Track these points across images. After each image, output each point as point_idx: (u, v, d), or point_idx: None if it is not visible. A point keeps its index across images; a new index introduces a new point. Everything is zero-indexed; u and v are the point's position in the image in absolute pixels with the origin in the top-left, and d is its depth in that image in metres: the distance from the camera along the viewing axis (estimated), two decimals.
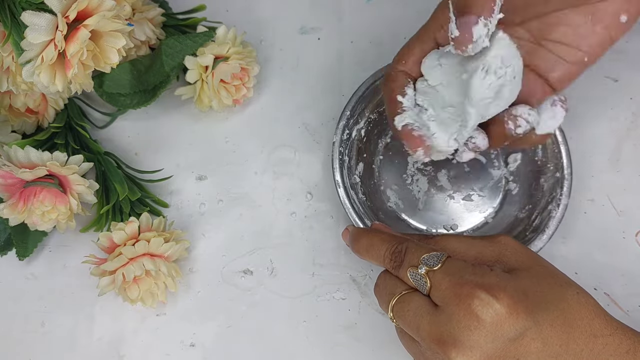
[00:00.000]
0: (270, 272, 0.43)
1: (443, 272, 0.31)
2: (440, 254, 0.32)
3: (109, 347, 0.42)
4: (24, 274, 0.44)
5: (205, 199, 0.45)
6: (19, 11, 0.33)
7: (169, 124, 0.47)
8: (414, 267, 0.32)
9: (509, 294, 0.29)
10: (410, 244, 0.33)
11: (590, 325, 0.29)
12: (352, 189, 0.41)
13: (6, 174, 0.37)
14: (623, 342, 0.29)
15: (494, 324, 0.28)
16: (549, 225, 0.39)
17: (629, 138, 0.45)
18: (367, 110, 0.43)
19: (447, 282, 0.30)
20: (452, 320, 0.29)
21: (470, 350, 0.28)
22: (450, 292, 0.30)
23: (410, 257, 0.32)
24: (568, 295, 0.30)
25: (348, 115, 0.42)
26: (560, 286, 0.31)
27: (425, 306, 0.31)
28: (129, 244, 0.39)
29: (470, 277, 0.30)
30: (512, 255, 0.32)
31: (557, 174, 0.40)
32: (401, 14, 0.49)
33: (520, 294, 0.29)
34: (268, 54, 0.48)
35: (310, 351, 0.41)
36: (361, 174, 0.43)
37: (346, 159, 0.42)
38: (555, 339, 0.29)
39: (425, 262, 0.31)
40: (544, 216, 0.40)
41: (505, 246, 0.33)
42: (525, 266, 0.32)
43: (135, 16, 0.42)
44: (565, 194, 0.40)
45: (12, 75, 0.37)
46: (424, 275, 0.31)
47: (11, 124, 0.43)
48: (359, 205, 0.41)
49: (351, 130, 0.42)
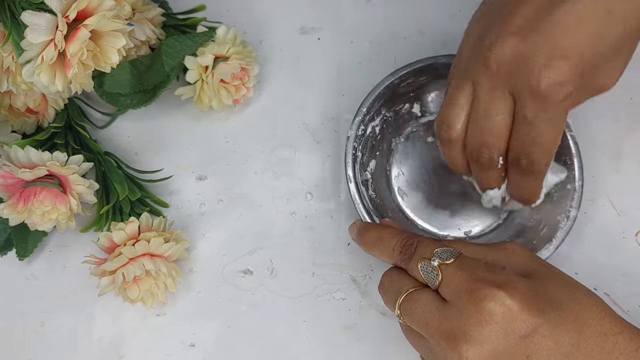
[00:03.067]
0: (271, 272, 0.43)
1: (456, 266, 0.31)
2: (454, 249, 0.32)
3: (109, 347, 0.42)
4: (24, 274, 0.44)
5: (205, 199, 0.45)
6: (19, 11, 0.33)
7: (169, 124, 0.47)
8: (425, 260, 0.32)
9: (521, 291, 0.29)
10: (422, 239, 0.34)
11: (600, 324, 0.29)
12: (363, 184, 0.41)
13: (6, 174, 0.37)
14: (632, 341, 0.29)
15: (505, 320, 0.28)
16: (556, 236, 0.39)
17: (629, 138, 0.45)
18: (383, 108, 0.43)
19: (459, 277, 0.30)
20: (463, 315, 0.29)
21: (481, 345, 0.28)
22: (462, 287, 0.30)
23: (423, 250, 0.33)
24: (578, 295, 0.30)
25: (364, 112, 0.42)
26: (569, 287, 0.31)
27: (435, 302, 0.31)
28: (129, 244, 0.39)
29: (483, 274, 0.30)
30: (520, 260, 0.33)
31: (569, 185, 0.40)
32: (401, 14, 0.49)
33: (532, 292, 0.29)
34: (268, 54, 0.48)
35: (310, 351, 0.41)
36: (373, 171, 0.43)
37: (359, 154, 0.42)
38: (567, 337, 0.29)
39: (439, 255, 0.31)
40: (552, 226, 0.40)
41: (513, 252, 0.33)
42: (532, 270, 0.32)
43: (135, 16, 0.42)
44: (575, 206, 0.39)
45: (12, 75, 0.37)
46: (436, 268, 0.31)
47: (11, 124, 0.43)
48: (369, 202, 0.41)
49: (366, 126, 0.42)
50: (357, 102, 0.42)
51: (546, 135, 0.33)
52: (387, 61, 0.47)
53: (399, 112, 0.44)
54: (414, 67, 0.42)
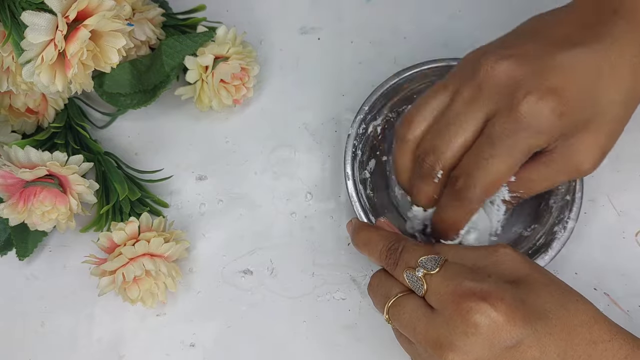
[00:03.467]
0: (270, 272, 0.43)
1: (441, 276, 0.30)
2: (438, 257, 0.32)
3: (109, 347, 0.42)
4: (24, 274, 0.44)
5: (205, 199, 0.45)
6: (19, 11, 0.33)
7: (169, 124, 0.47)
8: (410, 269, 0.31)
9: (507, 302, 0.29)
10: (408, 243, 0.33)
11: (589, 331, 0.29)
12: (362, 183, 0.41)
13: (6, 174, 0.37)
14: (622, 347, 0.29)
15: (490, 332, 0.28)
16: (552, 246, 0.39)
17: (629, 138, 0.45)
18: (385, 108, 0.43)
19: (445, 288, 0.30)
20: (449, 324, 0.29)
21: (467, 354, 0.28)
22: (447, 298, 0.30)
23: (407, 258, 0.32)
24: (568, 303, 0.30)
25: (366, 110, 0.41)
26: (560, 294, 0.30)
27: (422, 309, 0.31)
28: (129, 244, 0.39)
29: (469, 284, 0.30)
30: (510, 264, 0.32)
31: (568, 196, 0.40)
32: (401, 14, 0.49)
33: (518, 302, 0.29)
34: (268, 54, 0.48)
35: (310, 351, 0.41)
36: (372, 170, 0.43)
37: (359, 153, 0.41)
38: (553, 347, 0.29)
39: (423, 265, 0.31)
40: (548, 237, 0.39)
41: (504, 255, 0.32)
42: (523, 275, 0.31)
43: (135, 16, 0.42)
44: (573, 217, 0.39)
45: (12, 75, 0.37)
46: (420, 278, 0.31)
47: (11, 124, 0.43)
48: (366, 201, 0.40)
49: (368, 125, 0.42)
50: (357, 102, 0.42)
51: (497, 163, 0.33)
52: (387, 61, 0.47)
53: (401, 113, 0.44)
54: (419, 69, 0.42)
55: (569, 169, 0.34)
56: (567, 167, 0.34)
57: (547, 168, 0.34)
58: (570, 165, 0.34)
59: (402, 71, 0.42)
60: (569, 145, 0.33)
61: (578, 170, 0.34)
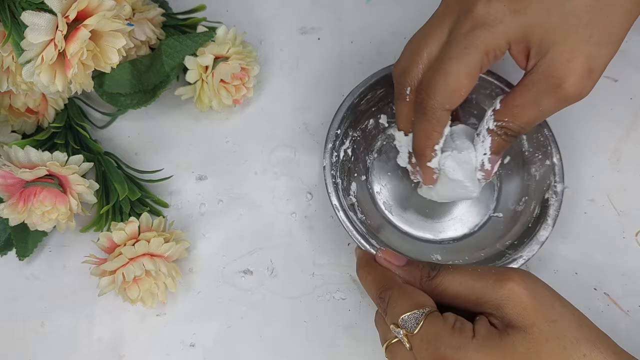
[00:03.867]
0: (270, 272, 0.43)
1: (420, 338, 0.30)
2: (420, 312, 0.30)
3: (109, 347, 0.42)
4: (24, 274, 0.44)
5: (205, 199, 0.45)
6: (19, 11, 0.33)
7: (169, 124, 0.47)
8: (395, 325, 0.31)
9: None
10: (394, 294, 0.32)
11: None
12: (351, 210, 0.40)
13: (6, 174, 0.37)
14: None
15: None
16: (549, 214, 0.39)
17: (629, 138, 0.45)
18: (350, 129, 0.42)
19: (424, 350, 0.29)
20: None
21: None
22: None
23: (392, 313, 0.31)
24: (572, 358, 0.28)
25: (333, 138, 0.41)
26: (563, 348, 0.28)
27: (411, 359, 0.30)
28: (129, 244, 0.39)
29: (446, 351, 0.29)
30: (516, 307, 0.29)
31: (547, 161, 0.40)
32: (401, 14, 0.49)
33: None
34: (268, 54, 0.48)
35: (310, 351, 0.41)
36: (356, 194, 0.43)
37: (339, 181, 0.41)
38: None
39: (404, 325, 0.30)
40: (543, 205, 0.40)
41: (511, 294, 0.29)
42: (526, 324, 0.28)
43: (135, 16, 0.42)
44: (558, 180, 0.39)
45: (12, 75, 0.37)
46: (403, 337, 0.30)
47: (11, 124, 0.43)
48: (360, 226, 0.40)
49: (339, 151, 0.41)
50: None
51: (454, 65, 0.33)
52: (387, 61, 0.47)
53: (365, 130, 0.44)
54: (369, 83, 0.42)
55: (551, 87, 0.32)
56: (550, 86, 0.32)
57: (530, 90, 0.33)
58: (552, 82, 0.32)
59: (353, 91, 0.42)
60: (548, 60, 0.32)
61: (562, 87, 0.32)
